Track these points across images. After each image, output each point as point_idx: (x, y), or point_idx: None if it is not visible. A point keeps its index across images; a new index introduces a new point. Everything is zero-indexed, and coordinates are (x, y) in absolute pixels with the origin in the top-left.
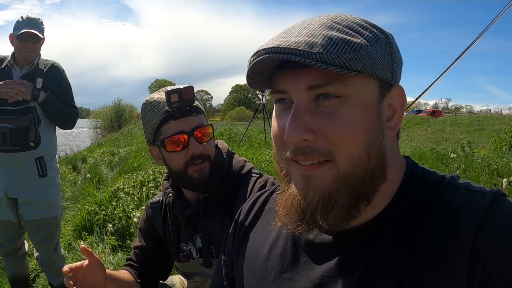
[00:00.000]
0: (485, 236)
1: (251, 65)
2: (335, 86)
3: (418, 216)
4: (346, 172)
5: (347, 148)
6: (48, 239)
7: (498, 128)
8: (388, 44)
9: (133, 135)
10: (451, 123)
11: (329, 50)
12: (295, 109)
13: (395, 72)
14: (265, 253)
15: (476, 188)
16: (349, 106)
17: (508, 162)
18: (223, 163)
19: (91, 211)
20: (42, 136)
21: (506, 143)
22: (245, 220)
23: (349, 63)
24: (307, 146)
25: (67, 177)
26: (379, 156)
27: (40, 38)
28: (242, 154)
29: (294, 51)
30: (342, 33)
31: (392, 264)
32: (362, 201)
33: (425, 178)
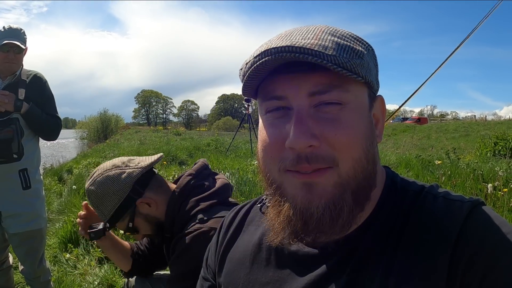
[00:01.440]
0: (464, 244)
1: (256, 65)
2: (336, 92)
3: (399, 224)
4: (347, 177)
5: (350, 153)
6: (33, 252)
7: (483, 134)
8: (374, 56)
9: (119, 146)
10: (436, 130)
11: (341, 54)
12: (298, 115)
13: (378, 82)
14: (247, 266)
15: (455, 197)
16: (349, 112)
17: (493, 168)
18: (172, 215)
19: (77, 223)
20: (25, 147)
21: (490, 149)
22: (226, 233)
23: (357, 68)
24: (312, 152)
25: (53, 189)
26: (374, 162)
27: (22, 49)
28: (228, 164)
29: (310, 51)
30: (345, 40)
31: (374, 272)
32: (360, 206)
33: (404, 187)
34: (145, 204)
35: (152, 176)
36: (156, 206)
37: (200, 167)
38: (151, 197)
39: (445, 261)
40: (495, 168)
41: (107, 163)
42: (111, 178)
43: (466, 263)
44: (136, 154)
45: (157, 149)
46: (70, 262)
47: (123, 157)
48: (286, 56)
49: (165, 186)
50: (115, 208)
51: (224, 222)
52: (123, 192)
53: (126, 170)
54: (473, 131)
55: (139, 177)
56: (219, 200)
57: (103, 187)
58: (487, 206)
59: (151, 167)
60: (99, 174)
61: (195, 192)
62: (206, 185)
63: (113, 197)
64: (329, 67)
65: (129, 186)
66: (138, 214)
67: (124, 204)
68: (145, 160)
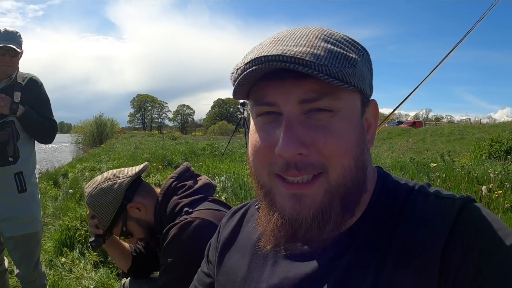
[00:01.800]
0: (456, 241)
1: (246, 73)
2: (328, 100)
3: (391, 222)
4: (337, 184)
5: (340, 161)
6: (28, 256)
7: (478, 137)
8: (368, 60)
9: (114, 150)
10: (431, 133)
11: (332, 63)
12: (288, 122)
13: (372, 87)
14: (245, 264)
15: (446, 195)
16: (340, 120)
17: (487, 170)
18: (160, 216)
19: (72, 227)
20: (21, 150)
21: (485, 151)
22: (225, 232)
23: (349, 77)
24: (301, 160)
25: (48, 193)
26: (364, 168)
27: (18, 52)
28: (224, 168)
29: (301, 61)
30: (338, 47)
31: (366, 270)
32: (349, 211)
33: (396, 186)
34: (135, 209)
35: (140, 183)
36: (146, 210)
37: (182, 170)
38: (140, 201)
39: (437, 257)
40: (489, 171)
41: (99, 177)
42: (105, 190)
43: (458, 260)
44: (132, 158)
45: (152, 154)
46: (66, 266)
47: (113, 170)
48: (276, 65)
49: (152, 191)
50: (112, 216)
51: (223, 220)
52: (117, 201)
53: (117, 181)
54: (468, 134)
55: (129, 185)
56: (201, 197)
57: (99, 199)
58: (478, 203)
59: (138, 175)
60: (93, 188)
61: (177, 192)
62: (188, 185)
63: (109, 207)
64: (320, 77)
65: (122, 194)
66: (130, 218)
67: (118, 211)
68: (132, 170)
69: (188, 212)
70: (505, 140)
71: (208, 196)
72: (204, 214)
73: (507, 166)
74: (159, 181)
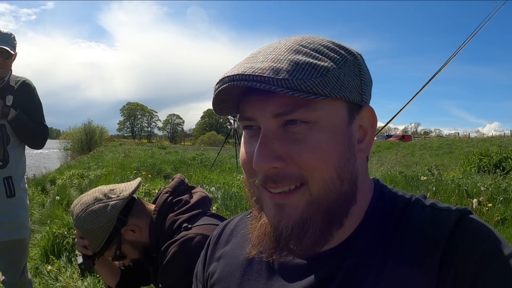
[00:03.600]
0: (453, 253)
1: (216, 93)
2: (301, 112)
3: (387, 235)
4: (319, 196)
5: (319, 173)
6: (15, 263)
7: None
8: (357, 65)
9: (103, 158)
10: (420, 147)
11: (295, 75)
12: (263, 137)
13: (365, 93)
14: (238, 278)
15: (443, 207)
16: (317, 131)
17: (477, 183)
18: (156, 235)
19: (59, 235)
20: (10, 155)
21: (474, 165)
22: (215, 247)
23: (316, 88)
24: (277, 173)
25: (35, 199)
26: (351, 179)
27: (12, 54)
28: (214, 179)
29: (259, 78)
30: (309, 56)
31: (363, 284)
32: (335, 224)
33: (393, 198)
34: (129, 231)
35: (133, 203)
36: (140, 231)
37: (176, 183)
38: (135, 223)
39: (435, 270)
40: (478, 184)
41: (88, 196)
42: (96, 213)
43: (455, 272)
44: (120, 166)
45: (141, 162)
46: (52, 274)
47: (103, 187)
48: (238, 84)
49: (146, 210)
50: (104, 240)
51: (212, 236)
52: (109, 225)
53: (109, 203)
54: (457, 148)
55: (122, 208)
56: (199, 212)
57: (89, 223)
58: (474, 215)
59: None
60: (82, 210)
61: (173, 208)
62: (184, 200)
63: (100, 231)
64: (279, 92)
65: (115, 218)
66: (124, 241)
67: (111, 235)
68: (126, 189)
69: (188, 228)
70: (494, 154)
71: (206, 211)
72: (204, 229)
73: (498, 180)
74: (149, 190)
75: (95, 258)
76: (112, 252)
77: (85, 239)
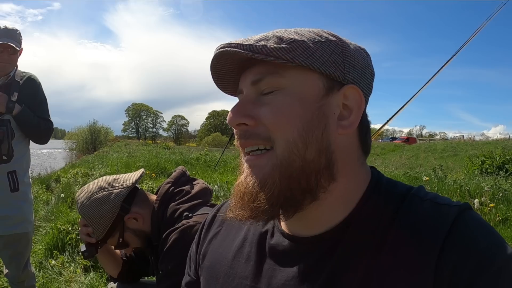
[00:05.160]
0: (451, 249)
1: (210, 65)
2: (269, 78)
3: (383, 225)
4: (283, 158)
5: (282, 133)
6: (18, 256)
7: (471, 154)
8: (339, 46)
9: (108, 157)
10: (425, 150)
11: (260, 42)
12: (240, 100)
13: (349, 72)
14: (229, 260)
15: (442, 200)
16: (283, 95)
17: (479, 184)
18: (157, 224)
19: (64, 230)
20: (15, 150)
21: (477, 167)
22: (209, 229)
23: (277, 52)
24: (247, 130)
25: (40, 196)
26: (320, 149)
27: (17, 50)
28: (217, 178)
29: (230, 44)
30: (283, 34)
31: (355, 271)
32: (305, 194)
33: (390, 188)
34: (132, 219)
35: (136, 192)
36: (143, 220)
37: (178, 175)
38: (137, 211)
39: (431, 265)
40: (481, 184)
41: (92, 185)
42: (100, 201)
43: (452, 269)
44: (125, 165)
45: (146, 162)
46: (56, 269)
47: (107, 176)
48: (219, 52)
49: (148, 199)
50: (107, 228)
51: (207, 218)
52: (113, 213)
53: (113, 191)
54: (461, 151)
55: (126, 196)
56: (200, 202)
57: (93, 210)
58: (474, 211)
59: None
60: (86, 198)
61: (174, 198)
62: (185, 191)
63: (104, 219)
64: (241, 54)
65: (118, 206)
66: (127, 229)
67: (114, 222)
68: (129, 179)
69: (188, 216)
70: (497, 156)
71: (206, 201)
72: (204, 218)
73: (498, 181)
74: (152, 188)
75: (98, 246)
76: (115, 240)
77: (89, 226)
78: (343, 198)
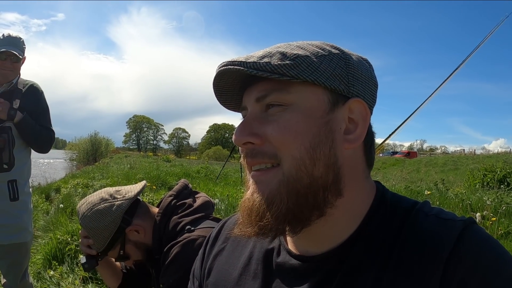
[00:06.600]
0: (457, 263)
1: (213, 82)
2: (276, 94)
3: (388, 240)
4: (290, 175)
5: (289, 150)
6: (16, 266)
7: (472, 167)
8: (343, 59)
9: (108, 169)
10: (426, 164)
11: (263, 59)
12: (246, 117)
13: (353, 86)
14: (235, 277)
15: (447, 215)
16: (290, 112)
17: (481, 198)
18: (159, 237)
19: (63, 241)
20: (16, 158)
21: (479, 180)
22: (214, 245)
23: (281, 69)
24: (253, 149)
25: (40, 206)
26: (328, 164)
27: (20, 58)
28: (218, 191)
29: (234, 62)
30: (285, 49)
31: (362, 287)
32: (312, 210)
33: (395, 203)
34: (134, 232)
35: (137, 204)
36: (144, 232)
37: (180, 188)
38: (139, 224)
39: (437, 280)
40: (483, 198)
41: (94, 196)
42: (101, 212)
43: (458, 283)
44: (125, 177)
45: (146, 174)
46: (54, 280)
47: (108, 188)
48: (222, 70)
49: (150, 212)
50: (108, 239)
51: (211, 234)
52: (114, 224)
53: (115, 203)
54: (462, 165)
55: (127, 208)
56: (202, 215)
57: (95, 222)
58: (478, 226)
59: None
60: (88, 209)
61: (177, 211)
62: (187, 204)
63: (105, 230)
64: (245, 72)
65: (120, 217)
66: (128, 242)
67: (115, 234)
68: (131, 191)
69: (190, 230)
70: (498, 169)
71: (209, 215)
72: (206, 232)
73: (500, 194)
74: (153, 200)
75: (98, 258)
76: (116, 252)
77: (89, 238)
78: (349, 213)
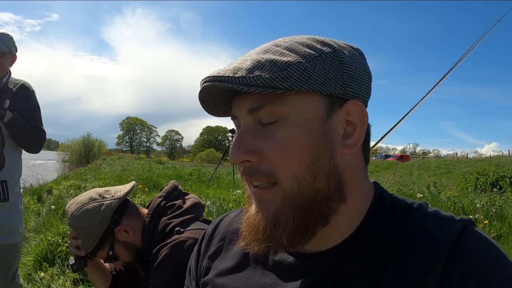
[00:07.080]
0: (455, 263)
1: (199, 95)
2: (269, 107)
3: (388, 241)
4: (292, 193)
5: (288, 169)
6: (5, 267)
7: (464, 171)
8: (336, 57)
9: (101, 170)
10: (418, 167)
11: (253, 72)
12: (239, 132)
13: (349, 86)
14: (233, 273)
15: (446, 216)
16: (287, 126)
17: (473, 200)
18: (148, 238)
19: (54, 242)
20: (6, 159)
21: (471, 184)
22: (209, 243)
23: (274, 82)
24: (250, 167)
25: (31, 208)
26: (329, 175)
27: (3, 53)
28: (210, 194)
29: (220, 78)
30: (275, 54)
31: (360, 286)
32: (317, 222)
33: (394, 203)
34: (123, 232)
35: (127, 204)
36: (134, 232)
37: (170, 189)
38: (128, 224)
39: (436, 280)
40: (475, 201)
41: (83, 196)
42: (90, 212)
43: (457, 283)
44: (118, 179)
45: (139, 176)
46: (44, 281)
47: (98, 188)
48: (207, 85)
49: (139, 213)
50: (97, 240)
51: (207, 232)
52: (103, 224)
53: (104, 202)
54: (455, 168)
55: (117, 207)
56: (192, 217)
57: (83, 221)
58: (477, 227)
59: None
60: (77, 209)
61: (166, 212)
62: (177, 205)
63: (94, 230)
64: (235, 89)
65: (109, 217)
66: (117, 242)
67: (104, 234)
68: (120, 190)
69: (180, 231)
70: (491, 173)
71: (198, 216)
72: (196, 234)
73: (493, 197)
74: (144, 202)
75: (87, 259)
76: (105, 253)
77: (78, 239)
78: (350, 215)
